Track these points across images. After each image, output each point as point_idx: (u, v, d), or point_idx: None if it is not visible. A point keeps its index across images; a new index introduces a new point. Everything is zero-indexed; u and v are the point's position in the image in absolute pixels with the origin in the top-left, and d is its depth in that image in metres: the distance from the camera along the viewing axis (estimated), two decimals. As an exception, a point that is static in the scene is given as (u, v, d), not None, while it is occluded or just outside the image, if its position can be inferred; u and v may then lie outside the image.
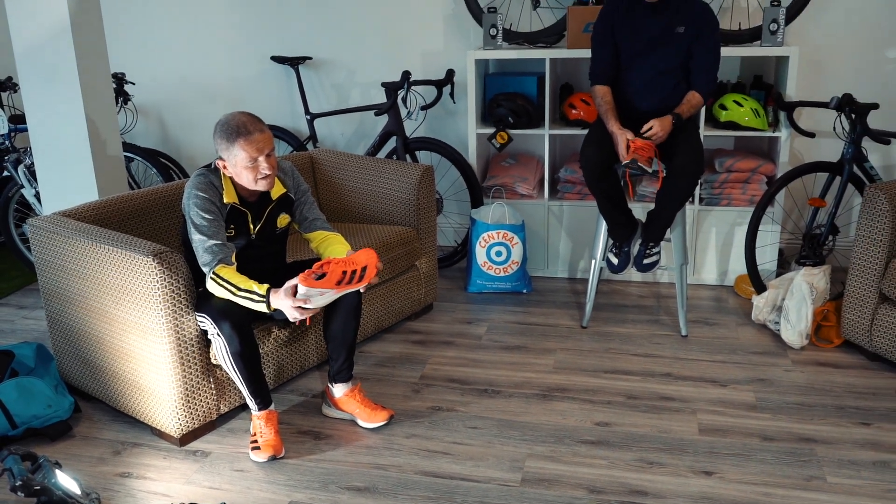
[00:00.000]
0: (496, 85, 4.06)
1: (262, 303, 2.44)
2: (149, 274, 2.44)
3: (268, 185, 2.52)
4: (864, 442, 2.58)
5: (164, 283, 2.45)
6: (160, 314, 2.48)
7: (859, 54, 3.93)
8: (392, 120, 4.05)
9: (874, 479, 2.39)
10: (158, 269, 2.44)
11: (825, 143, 3.88)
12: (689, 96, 3.17)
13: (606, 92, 3.24)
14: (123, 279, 2.52)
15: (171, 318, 2.49)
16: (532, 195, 4.03)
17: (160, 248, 2.47)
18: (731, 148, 4.10)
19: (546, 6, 4.11)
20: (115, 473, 2.53)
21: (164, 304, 2.47)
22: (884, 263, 2.95)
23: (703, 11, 3.16)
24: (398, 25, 4.40)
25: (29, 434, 2.70)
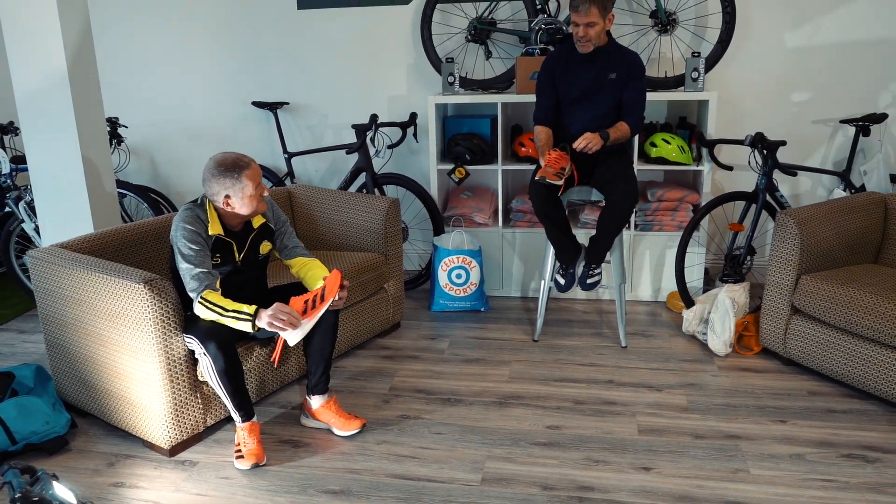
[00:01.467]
0: (454, 126, 4.09)
1: (249, 321, 2.42)
2: (140, 299, 2.40)
3: (265, 206, 2.56)
4: (781, 437, 2.62)
5: (154, 307, 2.41)
6: (151, 336, 2.43)
7: (769, 98, 4.05)
8: (362, 158, 4.06)
9: (791, 469, 2.43)
10: (149, 295, 2.40)
11: (742, 175, 3.96)
12: (621, 124, 3.20)
13: (543, 130, 3.28)
14: (117, 305, 2.47)
15: (161, 339, 2.45)
16: (488, 223, 4.05)
17: (150, 276, 2.43)
18: (661, 180, 4.17)
19: (497, 56, 4.17)
20: (109, 484, 2.46)
21: (154, 327, 2.43)
22: (794, 280, 3.01)
23: (631, 59, 3.23)
24: (367, 73, 4.42)
25: (28, 449, 2.62)
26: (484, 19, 4.02)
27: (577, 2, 3.06)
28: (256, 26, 4.45)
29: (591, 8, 3.05)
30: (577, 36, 3.14)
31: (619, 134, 3.19)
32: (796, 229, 2.97)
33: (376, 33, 4.34)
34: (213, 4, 4.46)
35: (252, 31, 4.47)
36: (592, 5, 3.04)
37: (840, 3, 3.87)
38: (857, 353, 2.81)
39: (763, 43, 3.98)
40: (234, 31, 4.48)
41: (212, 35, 4.52)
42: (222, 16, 4.47)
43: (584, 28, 3.10)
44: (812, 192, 4.16)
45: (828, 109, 4.01)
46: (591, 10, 3.05)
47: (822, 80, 3.98)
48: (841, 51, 3.92)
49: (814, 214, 3.06)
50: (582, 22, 3.08)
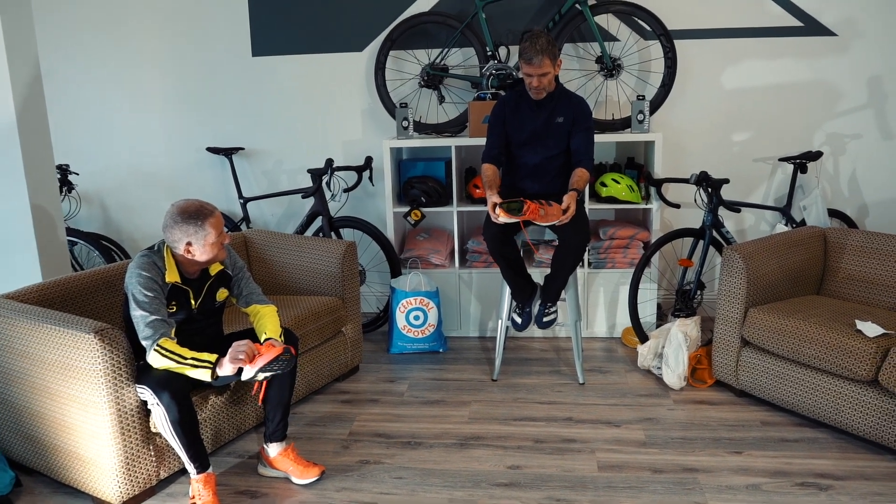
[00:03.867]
0: (409, 169, 4.11)
1: (209, 369, 2.37)
2: (90, 350, 2.32)
3: (225, 254, 2.54)
4: (737, 468, 2.65)
5: (105, 358, 2.33)
6: (101, 388, 2.35)
7: (711, 138, 4.18)
8: (318, 201, 4.04)
9: (748, 500, 2.45)
10: (100, 346, 2.32)
11: (689, 212, 4.06)
12: (580, 172, 3.22)
13: (490, 168, 3.31)
14: (65, 356, 2.38)
15: (112, 390, 2.37)
16: (444, 265, 4.06)
17: (101, 326, 2.36)
18: (612, 219, 4.25)
19: (450, 101, 4.22)
20: (56, 544, 2.35)
21: (105, 379, 2.34)
22: (742, 313, 3.07)
23: (577, 103, 3.31)
24: (322, 118, 4.43)
25: (-31, 511, 2.49)
26: (436, 65, 4.09)
27: (530, 54, 3.11)
28: (211, 72, 4.44)
29: (543, 59, 3.12)
30: (531, 86, 3.20)
31: (585, 183, 3.24)
32: (742, 264, 3.04)
33: (331, 79, 4.37)
34: (167, 50, 4.44)
35: (207, 77, 4.45)
36: (544, 56, 3.11)
37: (770, 50, 4.04)
38: (806, 383, 2.86)
39: (703, 86, 4.12)
40: (189, 77, 4.47)
41: (166, 80, 4.49)
42: (177, 61, 4.45)
43: (538, 79, 3.16)
44: (756, 228, 4.28)
45: (767, 148, 4.15)
46: (543, 62, 3.12)
47: (760, 121, 4.14)
48: (776, 93, 4.08)
49: (758, 249, 3.14)
50: (535, 73, 3.15)
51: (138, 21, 4.42)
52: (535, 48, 3.09)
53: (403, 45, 4.22)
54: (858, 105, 4.05)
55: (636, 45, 4.09)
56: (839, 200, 4.17)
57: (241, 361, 2.42)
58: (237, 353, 2.42)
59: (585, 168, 3.25)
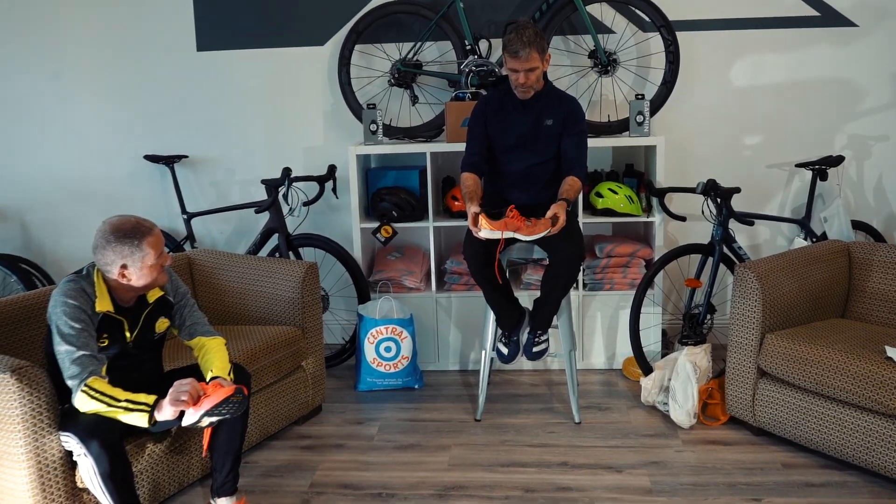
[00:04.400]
0: (379, 179, 4.11)
1: (146, 413, 2.33)
2: (6, 392, 2.28)
3: (165, 277, 2.52)
4: (756, 518, 2.65)
5: (23, 401, 2.28)
6: (18, 436, 2.30)
7: (720, 142, 4.23)
8: (273, 217, 4.02)
9: (769, 555, 2.45)
10: (17, 387, 2.27)
11: (696, 225, 4.09)
12: (571, 181, 3.24)
13: (471, 177, 3.31)
14: (-23, 400, 2.33)
15: (32, 439, 2.32)
16: (419, 288, 4.05)
17: (19, 364, 2.31)
18: (609, 234, 4.27)
19: (424, 102, 4.24)
20: None
21: (23, 426, 2.29)
22: (758, 339, 3.09)
23: (569, 103, 3.33)
24: (278, 122, 4.42)
25: None
26: (408, 61, 4.11)
27: (516, 46, 3.13)
28: (150, 69, 4.42)
29: (530, 52, 3.13)
30: (516, 83, 3.22)
31: (575, 195, 3.25)
32: (757, 284, 3.07)
33: (288, 77, 4.37)
34: (97, 45, 4.41)
35: (145, 75, 4.43)
36: (532, 49, 3.13)
37: (783, 42, 4.11)
38: (832, 418, 2.88)
39: (710, 83, 4.18)
40: (124, 75, 4.44)
41: (97, 80, 4.45)
42: (109, 58, 4.42)
43: (525, 74, 3.18)
44: (771, 242, 4.32)
45: (782, 153, 4.21)
46: (531, 55, 3.13)
47: (773, 122, 4.20)
48: (791, 91, 4.15)
49: (774, 267, 3.17)
50: (522, 68, 3.16)
51: (66, 8, 4.39)
52: (521, 40, 3.11)
53: (371, 39, 4.23)
54: (883, 103, 4.13)
55: (634, 38, 4.14)
56: (864, 211, 4.23)
57: (184, 404, 2.38)
58: (179, 393, 2.39)
59: (577, 176, 3.27)
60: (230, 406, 2.43)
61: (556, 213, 3.07)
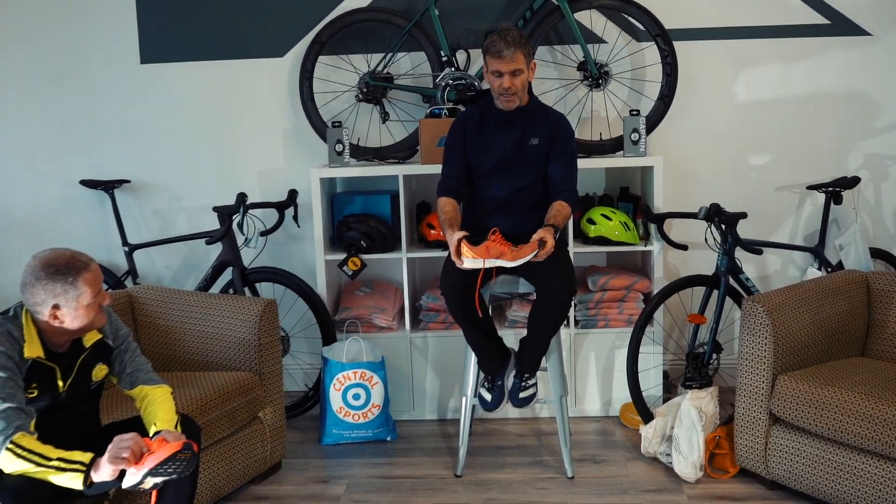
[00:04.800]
0: (345, 205, 4.12)
1: (81, 473, 2.30)
2: (-80, 452, 2.24)
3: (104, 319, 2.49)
4: (771, 583, 2.65)
5: (-61, 461, 2.24)
6: (-66, 502, 2.26)
7: (723, 162, 4.29)
8: (227, 249, 4.01)
9: None
10: (-67, 445, 2.23)
11: (700, 255, 4.11)
12: (558, 206, 3.27)
13: (449, 202, 3.35)
14: None
15: (-51, 505, 2.28)
16: (392, 327, 4.04)
17: (-65, 419, 2.28)
18: (603, 265, 4.31)
19: (396, 119, 4.27)
20: None
21: (-61, 489, 2.25)
22: (770, 381, 3.11)
23: (556, 120, 3.37)
24: (231, 142, 4.43)
25: None
26: (378, 74, 4.14)
27: (500, 46, 3.18)
28: (87, 84, 4.42)
29: (516, 53, 3.18)
30: (499, 89, 3.26)
31: (564, 221, 3.29)
32: (767, 319, 3.09)
33: (244, 92, 4.38)
34: (26, 57, 4.40)
35: (81, 91, 4.42)
36: (518, 49, 3.18)
37: (791, 53, 4.19)
38: (853, 470, 2.89)
39: (711, 98, 4.25)
40: (58, 91, 4.43)
41: (25, 96, 4.44)
42: (39, 71, 4.41)
43: (510, 78, 3.22)
44: (782, 273, 4.37)
45: (792, 174, 4.28)
46: (516, 56, 3.18)
47: (782, 140, 4.27)
48: (800, 106, 4.23)
49: (786, 300, 3.20)
50: (507, 69, 3.21)
51: (-9, 18, 4.39)
52: (504, 40, 3.17)
53: (336, 49, 4.26)
54: (900, 120, 4.23)
55: (627, 49, 4.21)
56: (883, 237, 4.30)
57: (125, 462, 2.35)
58: (120, 450, 2.35)
59: (566, 201, 3.30)
60: (178, 464, 2.40)
61: (542, 237, 3.10)
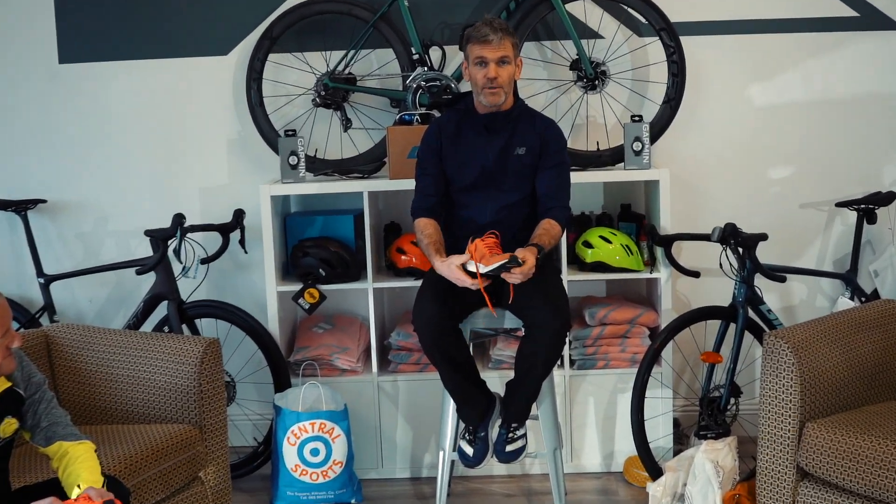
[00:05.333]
0: (301, 227, 4.11)
1: None
2: None
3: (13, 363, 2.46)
4: None
5: None
6: None
7: (739, 175, 4.32)
8: (161, 279, 3.98)
9: None
10: None
11: (714, 283, 4.11)
12: (547, 225, 3.30)
13: (428, 224, 3.36)
14: None
15: None
16: (356, 370, 4.03)
17: None
18: (602, 295, 4.32)
19: (360, 126, 4.28)
20: None
21: None
22: (797, 430, 3.10)
23: (546, 127, 3.40)
24: (166, 154, 4.42)
25: None
26: (339, 75, 4.15)
27: (485, 30, 3.22)
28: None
29: (503, 39, 3.22)
30: (483, 80, 3.29)
31: (551, 241, 3.30)
32: (792, 357, 3.10)
33: (181, 96, 4.38)
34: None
35: (-12, 96, 4.41)
36: (505, 36, 3.22)
37: (815, 49, 4.24)
38: (893, 531, 2.90)
39: (725, 101, 4.29)
40: (-40, 97, 4.41)
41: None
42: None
43: (496, 67, 3.25)
44: (809, 303, 4.40)
45: (818, 189, 4.31)
46: (503, 42, 3.22)
47: (807, 150, 4.31)
48: (829, 110, 4.28)
49: (814, 334, 3.21)
50: (492, 57, 3.24)
51: None
52: (491, 25, 3.24)
53: (290, 46, 4.28)
54: (941, 126, 4.28)
55: (627, 45, 4.25)
56: (923, 261, 4.34)
57: None
58: None
59: (556, 219, 3.31)
60: None
61: (525, 258, 3.11)
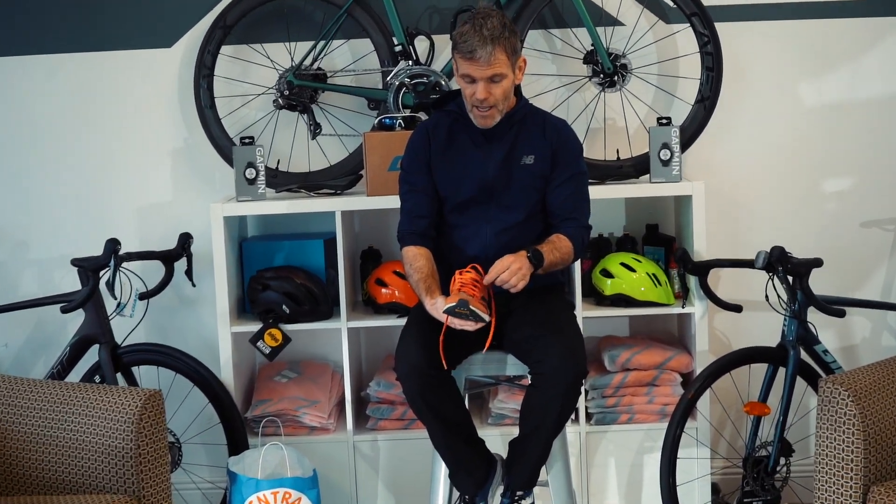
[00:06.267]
0: (260, 255, 4.12)
1: None
2: None
3: None
4: None
5: None
6: None
7: (788, 189, 4.34)
8: (91, 318, 3.98)
9: None
10: None
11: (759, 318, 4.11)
12: (555, 237, 3.31)
13: (419, 255, 3.35)
14: None
15: None
16: (328, 427, 4.04)
17: None
18: (625, 334, 4.32)
19: (331, 133, 4.28)
20: None
21: None
22: (860, 495, 3.09)
23: (558, 132, 3.41)
24: (97, 167, 4.42)
25: None
26: (306, 70, 4.16)
27: (472, 43, 3.19)
28: None
29: (494, 52, 3.19)
30: (473, 101, 3.29)
31: (558, 256, 3.29)
32: (854, 407, 3.10)
33: (115, 97, 4.39)
34: None
35: None
36: (497, 47, 3.19)
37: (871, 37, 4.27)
38: None
39: (769, 100, 4.32)
40: None
41: None
42: None
43: (486, 86, 3.25)
44: (873, 342, 4.40)
45: (884, 204, 4.33)
46: (494, 56, 3.20)
47: (868, 158, 4.33)
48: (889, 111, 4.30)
49: (880, 380, 3.21)
50: (482, 76, 3.23)
51: None
52: (479, 33, 3.19)
53: (247, 36, 4.29)
54: None
55: (652, 33, 4.27)
56: None
57: None
58: None
59: (570, 236, 3.32)
60: None
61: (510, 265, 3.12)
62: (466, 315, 3.09)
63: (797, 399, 3.79)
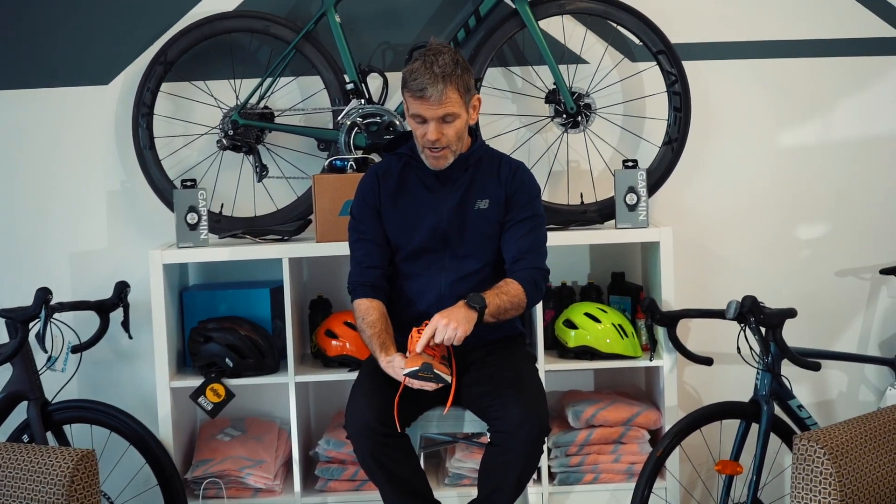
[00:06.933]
0: (202, 305, 4.11)
1: None
2: None
3: None
4: None
5: None
6: None
7: (761, 236, 4.38)
8: (19, 373, 3.94)
9: None
10: None
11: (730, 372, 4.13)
12: (502, 283, 3.29)
13: (371, 308, 3.35)
14: None
15: None
16: (274, 489, 4.01)
17: None
18: (590, 389, 4.34)
19: (278, 175, 4.29)
20: None
21: None
22: (838, 559, 3.13)
23: (513, 173, 3.42)
24: (28, 211, 4.41)
25: None
26: (251, 109, 4.17)
27: (422, 80, 3.20)
28: None
29: (446, 90, 3.20)
30: (424, 142, 3.30)
31: (505, 300, 3.28)
32: (830, 465, 3.11)
33: (46, 137, 4.38)
34: None
35: None
36: (448, 85, 3.20)
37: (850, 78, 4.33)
38: None
39: (740, 142, 4.37)
40: None
41: None
42: None
43: (438, 126, 3.26)
44: (850, 397, 4.43)
45: (859, 253, 4.38)
46: (446, 95, 3.20)
47: (844, 204, 4.38)
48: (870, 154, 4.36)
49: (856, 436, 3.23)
50: (433, 116, 3.24)
51: None
52: (430, 71, 3.20)
53: (189, 73, 4.30)
54: None
55: (617, 72, 4.32)
56: None
57: None
58: None
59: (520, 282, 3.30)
60: None
61: (440, 320, 3.10)
62: (430, 378, 3.10)
63: (771, 457, 3.80)
